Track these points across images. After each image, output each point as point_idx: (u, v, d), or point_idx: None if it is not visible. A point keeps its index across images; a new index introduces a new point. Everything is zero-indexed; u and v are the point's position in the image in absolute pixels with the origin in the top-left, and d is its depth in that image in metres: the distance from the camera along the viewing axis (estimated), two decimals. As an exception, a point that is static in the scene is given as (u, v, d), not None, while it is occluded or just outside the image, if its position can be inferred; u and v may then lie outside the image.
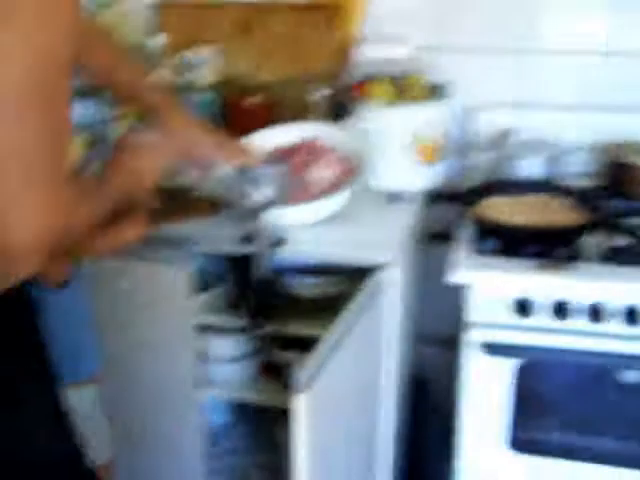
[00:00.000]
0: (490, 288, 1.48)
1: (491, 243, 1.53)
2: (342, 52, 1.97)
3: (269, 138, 1.79)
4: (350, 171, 1.70)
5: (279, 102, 1.96)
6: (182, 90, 1.95)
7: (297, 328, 1.67)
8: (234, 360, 1.81)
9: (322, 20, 1.96)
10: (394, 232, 1.65)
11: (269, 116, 1.95)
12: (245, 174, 1.51)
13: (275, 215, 1.60)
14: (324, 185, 1.68)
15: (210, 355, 1.80)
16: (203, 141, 1.40)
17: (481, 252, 1.53)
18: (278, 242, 1.57)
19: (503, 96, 1.99)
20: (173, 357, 1.71)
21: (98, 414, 1.66)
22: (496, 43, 1.96)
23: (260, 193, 1.51)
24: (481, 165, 1.94)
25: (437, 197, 1.93)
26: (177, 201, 1.69)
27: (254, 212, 1.52)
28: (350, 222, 1.67)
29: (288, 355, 1.76)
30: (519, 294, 1.47)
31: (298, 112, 1.92)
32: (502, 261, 1.50)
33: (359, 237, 1.62)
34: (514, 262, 1.49)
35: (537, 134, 1.92)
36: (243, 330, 1.77)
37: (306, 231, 1.63)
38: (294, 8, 1.98)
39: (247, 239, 1.55)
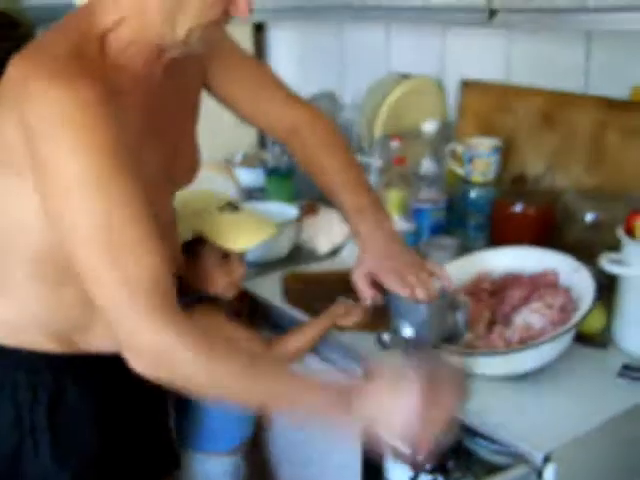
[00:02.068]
0: None
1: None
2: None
3: (512, 257, 1.49)
4: (567, 320, 1.31)
5: (557, 216, 1.60)
6: (454, 181, 1.73)
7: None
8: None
9: (634, 134, 1.53)
10: (600, 418, 1.22)
11: (540, 230, 1.61)
12: (402, 304, 1.28)
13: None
14: (523, 334, 1.32)
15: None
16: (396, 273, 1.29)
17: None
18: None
19: None
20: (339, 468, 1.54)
21: None
22: None
23: (407, 328, 1.27)
24: None
25: None
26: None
27: (402, 348, 1.28)
28: (544, 391, 1.29)
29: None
30: None
31: (574, 233, 1.55)
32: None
33: (541, 416, 1.24)
34: None
35: None
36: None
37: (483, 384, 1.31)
38: (603, 103, 1.58)
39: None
